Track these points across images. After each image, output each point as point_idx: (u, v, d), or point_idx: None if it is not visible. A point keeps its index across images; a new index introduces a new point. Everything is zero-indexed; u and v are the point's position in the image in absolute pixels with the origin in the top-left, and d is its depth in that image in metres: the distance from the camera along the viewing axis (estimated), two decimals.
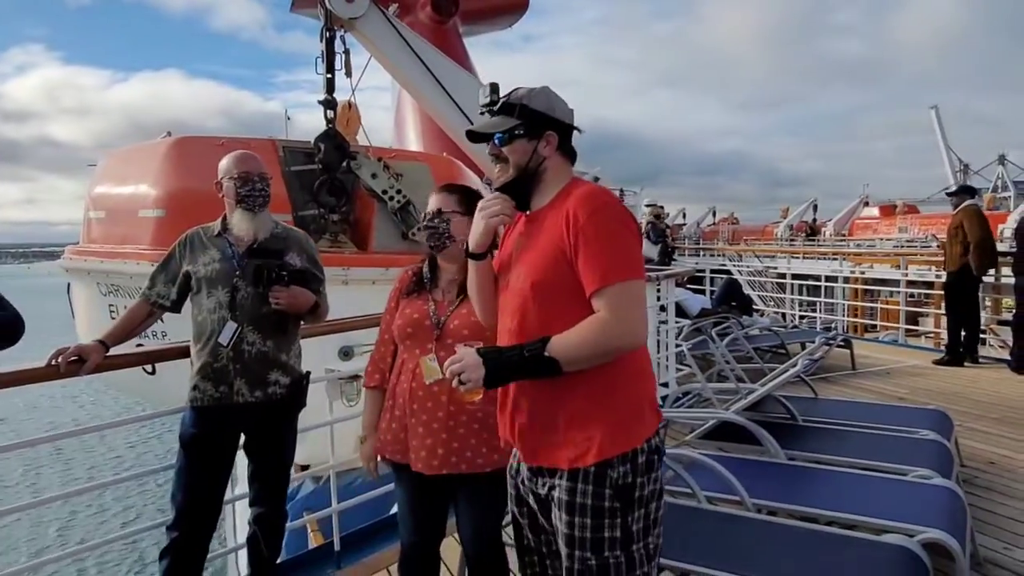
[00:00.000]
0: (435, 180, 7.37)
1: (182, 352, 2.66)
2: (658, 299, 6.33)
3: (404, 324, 2.23)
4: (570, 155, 1.76)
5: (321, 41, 6.43)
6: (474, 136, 1.76)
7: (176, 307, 2.66)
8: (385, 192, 6.72)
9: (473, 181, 9.10)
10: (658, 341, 6.36)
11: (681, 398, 5.61)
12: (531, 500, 1.75)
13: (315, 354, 2.89)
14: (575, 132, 1.76)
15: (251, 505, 2.69)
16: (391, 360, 2.31)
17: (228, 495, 2.73)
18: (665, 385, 6.07)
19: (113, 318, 6.77)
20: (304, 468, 5.21)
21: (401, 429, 2.18)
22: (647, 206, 14.25)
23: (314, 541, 4.75)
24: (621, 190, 17.09)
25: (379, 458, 2.29)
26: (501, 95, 1.74)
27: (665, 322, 6.42)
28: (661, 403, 5.12)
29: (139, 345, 2.97)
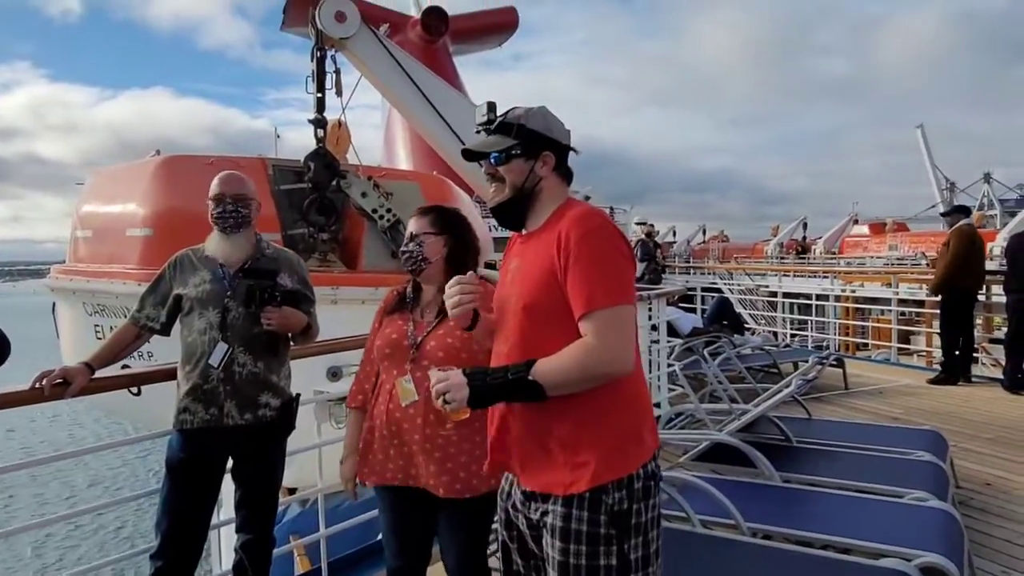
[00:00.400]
0: (425, 199, 7.38)
1: (169, 374, 2.63)
2: (649, 318, 6.32)
3: (383, 344, 2.24)
4: (566, 176, 1.75)
5: (312, 60, 6.44)
6: (470, 155, 1.75)
7: (166, 330, 2.63)
8: (375, 211, 6.72)
9: (463, 200, 9.12)
10: (650, 361, 6.35)
11: (674, 419, 5.59)
12: (522, 524, 1.72)
13: (303, 375, 2.86)
14: (571, 153, 1.76)
15: (238, 531, 2.64)
16: (375, 380, 2.30)
17: (214, 520, 2.69)
18: (657, 406, 6.05)
19: (99, 339, 6.71)
20: (292, 491, 5.15)
21: (380, 450, 2.17)
22: (637, 224, 14.33)
23: (300, 567, 4.67)
24: (611, 208, 17.19)
25: (359, 480, 2.28)
26: (498, 114, 1.73)
27: (657, 341, 6.41)
28: None
29: (125, 366, 2.93)
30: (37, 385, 2.34)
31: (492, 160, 1.70)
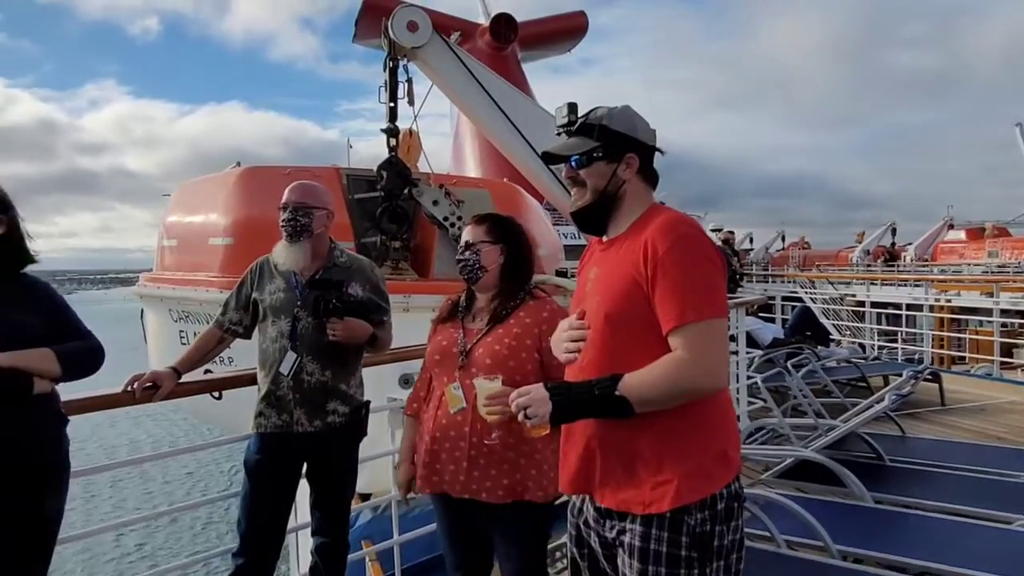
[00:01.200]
0: (496, 206, 7.43)
1: (250, 380, 2.72)
2: (727, 328, 6.17)
3: (433, 351, 2.28)
4: (651, 179, 1.70)
5: (384, 70, 6.59)
6: (550, 158, 1.72)
7: (248, 333, 2.73)
8: (446, 219, 6.81)
9: (534, 207, 9.14)
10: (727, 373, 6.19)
11: (754, 433, 5.42)
12: (594, 542, 1.68)
13: (377, 382, 2.91)
14: (657, 154, 1.70)
15: (313, 534, 2.71)
16: (428, 389, 2.34)
17: (292, 524, 2.76)
18: (737, 419, 5.88)
19: (183, 344, 7.04)
20: (365, 498, 5.25)
21: (431, 457, 2.19)
22: (712, 231, 14.01)
23: (372, 573, 4.75)
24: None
25: (413, 487, 2.32)
26: (579, 115, 1.69)
27: (735, 352, 6.24)
28: None
29: (207, 371, 3.06)
30: (129, 388, 2.47)
31: (573, 163, 1.66)
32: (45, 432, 2.01)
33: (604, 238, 1.72)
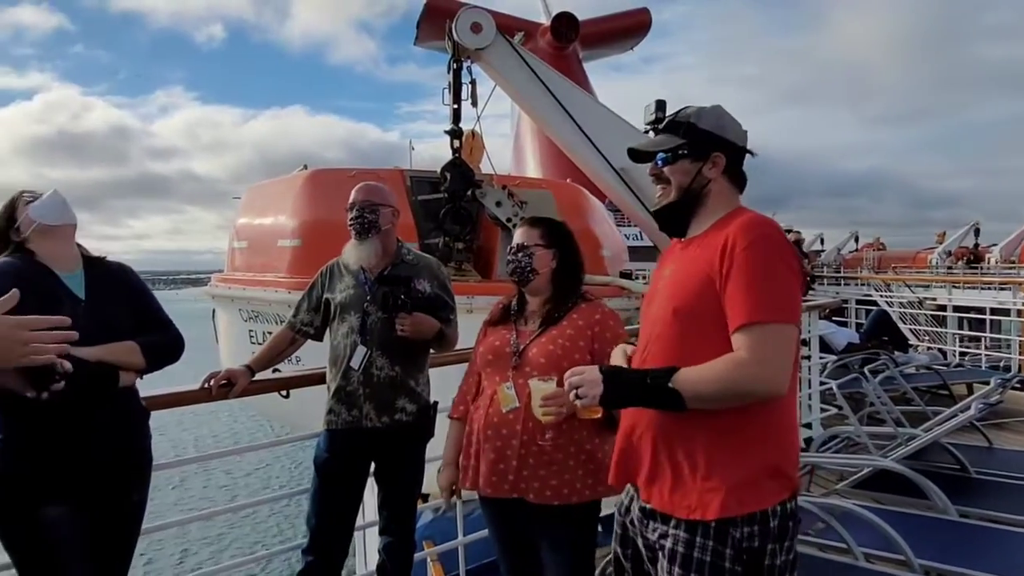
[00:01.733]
0: (559, 207, 7.43)
1: (320, 379, 2.79)
2: (796, 337, 5.99)
3: (486, 351, 2.30)
4: (739, 181, 1.67)
5: (448, 72, 6.68)
6: (636, 155, 1.72)
7: (319, 335, 2.80)
8: (509, 220, 6.85)
9: (598, 207, 9.10)
10: (799, 378, 6.01)
11: (828, 442, 5.25)
12: (639, 542, 1.67)
13: (442, 383, 2.95)
14: (748, 156, 1.68)
15: (380, 533, 2.76)
16: (476, 391, 2.36)
17: (359, 522, 2.82)
18: (808, 427, 5.71)
19: (253, 343, 7.29)
20: (425, 498, 5.31)
21: (479, 458, 2.21)
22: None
23: (434, 573, 4.80)
24: None
25: (460, 487, 2.34)
26: (667, 113, 1.70)
27: (808, 357, 6.07)
28: (805, 447, 4.83)
29: (276, 371, 3.15)
30: (206, 385, 2.58)
31: (658, 161, 1.66)
32: (132, 424, 2.12)
33: (684, 238, 1.70)
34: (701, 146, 1.62)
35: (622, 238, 9.97)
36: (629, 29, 20.65)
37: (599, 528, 2.26)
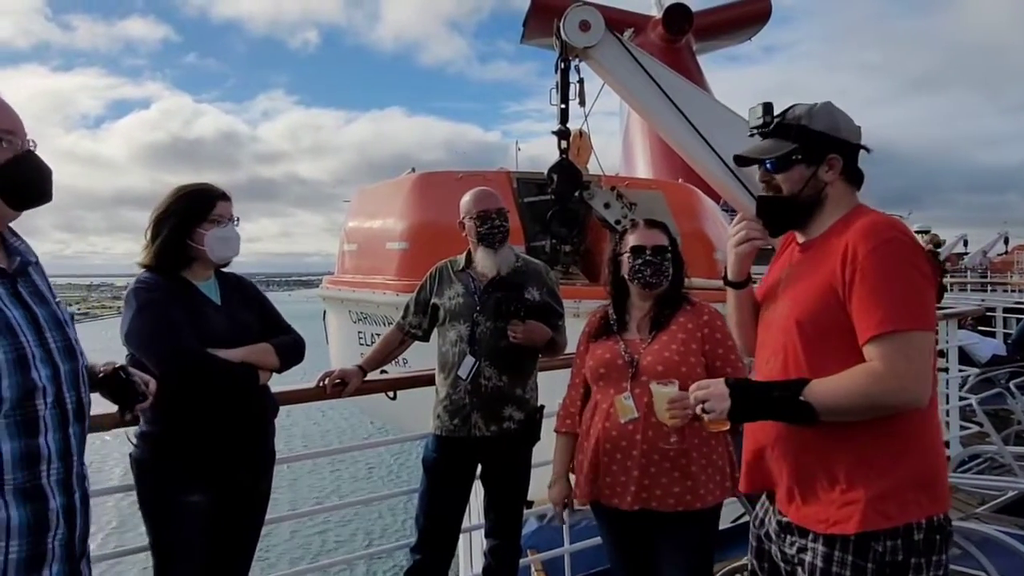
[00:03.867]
0: (670, 208, 7.33)
1: (428, 380, 2.91)
2: (936, 342, 5.65)
3: (596, 365, 2.31)
4: (856, 178, 1.64)
5: (556, 72, 6.72)
6: (743, 161, 1.71)
7: (426, 336, 2.93)
8: (618, 222, 6.81)
9: (712, 208, 8.91)
10: (937, 393, 5.66)
11: (968, 462, 4.94)
12: (776, 556, 1.66)
13: (550, 387, 3.00)
14: (862, 152, 1.64)
15: (487, 536, 2.85)
16: (581, 404, 2.39)
17: (465, 524, 2.91)
18: (947, 445, 5.37)
19: (362, 344, 7.62)
20: (530, 505, 5.37)
21: (595, 470, 2.23)
22: (918, 233, 12.86)
23: None
24: None
25: (575, 499, 2.38)
26: (774, 114, 1.66)
27: (945, 370, 5.70)
28: None
29: (383, 371, 3.31)
30: (321, 384, 2.75)
31: (768, 167, 1.63)
32: (268, 419, 2.32)
33: (801, 239, 1.69)
34: (815, 149, 1.59)
35: None
36: (747, 18, 20.02)
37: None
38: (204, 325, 2.12)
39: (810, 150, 1.59)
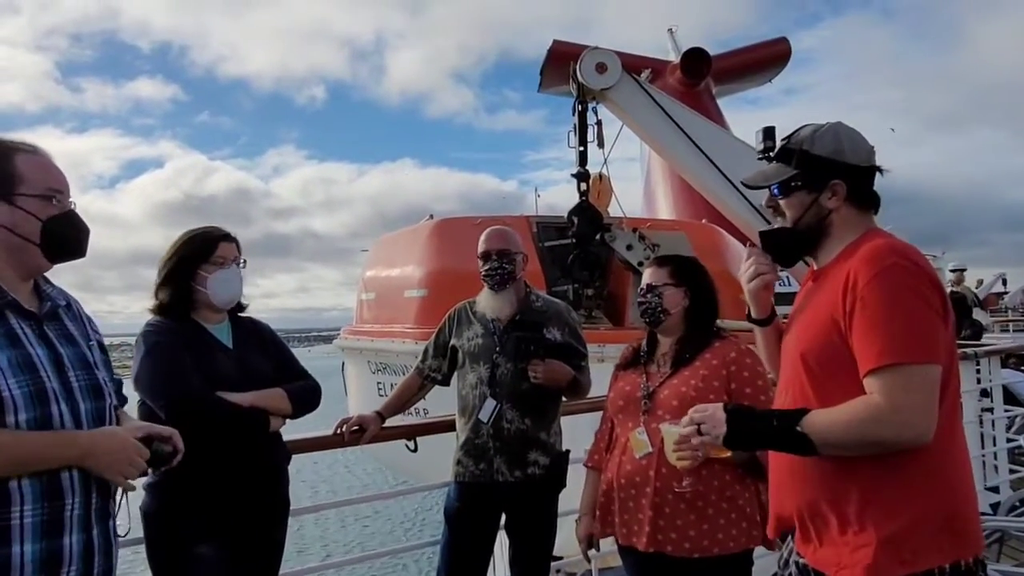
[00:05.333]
0: (694, 249, 7.30)
1: (448, 426, 2.88)
2: (978, 381, 5.50)
3: (616, 397, 2.31)
4: (867, 202, 1.59)
5: (573, 114, 6.81)
6: (749, 188, 1.71)
7: (446, 380, 2.90)
8: (641, 264, 6.80)
9: (736, 249, 8.85)
10: (981, 434, 5.49)
11: (1019, 506, 4.75)
12: None
13: (575, 431, 2.95)
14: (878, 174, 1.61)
15: None
16: (610, 438, 2.36)
17: (490, 574, 2.83)
18: (995, 490, 5.19)
19: (381, 395, 7.60)
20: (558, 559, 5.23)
21: (613, 507, 2.20)
22: (952, 271, 12.68)
23: None
24: None
25: (598, 540, 2.33)
26: (776, 139, 1.66)
27: (990, 410, 5.54)
28: (992, 511, 4.38)
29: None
30: (338, 431, 2.73)
31: (774, 191, 1.63)
32: (281, 467, 2.29)
33: (815, 266, 1.66)
34: (817, 175, 1.56)
35: None
36: (766, 61, 20.14)
37: None
38: (212, 368, 2.12)
39: (811, 176, 1.57)
